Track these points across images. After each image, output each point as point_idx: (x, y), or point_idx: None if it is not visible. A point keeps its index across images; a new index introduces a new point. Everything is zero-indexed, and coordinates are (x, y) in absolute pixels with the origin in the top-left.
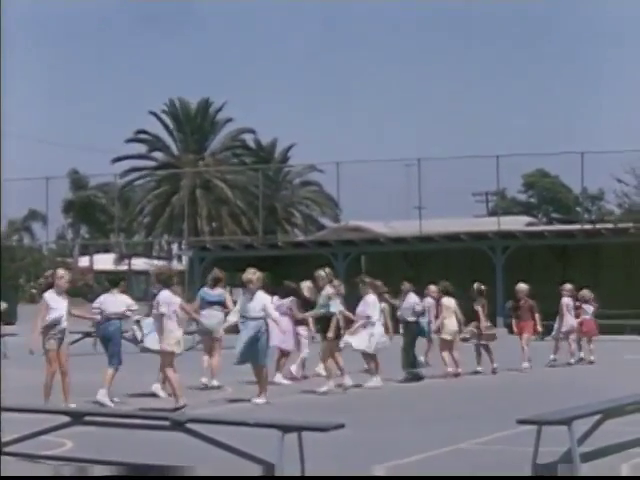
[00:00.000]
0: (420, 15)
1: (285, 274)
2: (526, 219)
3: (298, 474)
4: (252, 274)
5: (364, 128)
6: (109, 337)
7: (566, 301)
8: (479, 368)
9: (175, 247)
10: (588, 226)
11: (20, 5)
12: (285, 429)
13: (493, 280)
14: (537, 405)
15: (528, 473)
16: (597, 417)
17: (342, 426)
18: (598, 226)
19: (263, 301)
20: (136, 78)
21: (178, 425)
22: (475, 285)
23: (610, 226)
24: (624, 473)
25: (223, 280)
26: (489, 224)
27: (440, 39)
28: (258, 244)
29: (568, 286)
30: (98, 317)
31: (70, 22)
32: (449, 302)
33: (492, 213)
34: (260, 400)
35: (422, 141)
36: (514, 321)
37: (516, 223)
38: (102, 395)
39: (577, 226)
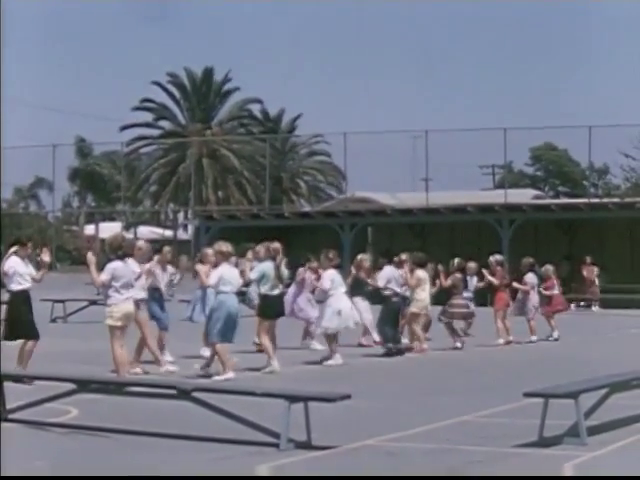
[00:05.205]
0: None
1: (291, 244)
2: (533, 192)
3: (304, 444)
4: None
5: (372, 99)
6: None
7: (531, 277)
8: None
9: (181, 216)
10: (595, 200)
11: None
12: (292, 399)
13: (499, 253)
14: (541, 379)
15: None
16: (603, 391)
17: (348, 397)
18: (605, 200)
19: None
20: (140, 50)
21: (184, 394)
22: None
23: (616, 200)
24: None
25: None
26: (496, 197)
27: (451, 10)
28: (264, 214)
29: (529, 260)
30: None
31: None
32: (422, 274)
33: (499, 186)
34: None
35: (429, 113)
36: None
37: (523, 196)
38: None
39: (584, 200)
